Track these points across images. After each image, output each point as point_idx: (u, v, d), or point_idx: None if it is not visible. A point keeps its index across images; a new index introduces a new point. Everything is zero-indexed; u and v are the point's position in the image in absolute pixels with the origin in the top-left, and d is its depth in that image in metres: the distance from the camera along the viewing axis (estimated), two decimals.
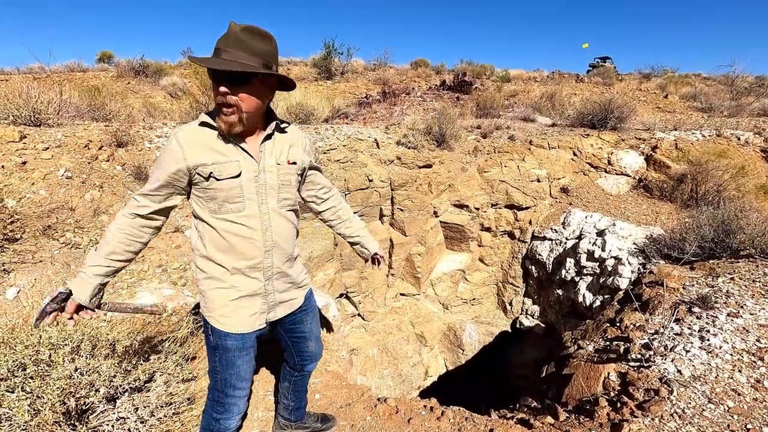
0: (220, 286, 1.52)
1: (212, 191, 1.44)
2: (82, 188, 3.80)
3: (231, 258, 1.50)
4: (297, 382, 2.04)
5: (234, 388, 1.64)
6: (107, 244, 1.46)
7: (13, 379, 1.77)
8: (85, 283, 1.43)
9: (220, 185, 1.43)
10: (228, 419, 1.69)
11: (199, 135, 1.42)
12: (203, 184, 1.43)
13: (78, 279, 1.44)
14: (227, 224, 1.47)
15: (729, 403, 2.29)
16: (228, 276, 1.52)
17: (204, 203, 1.47)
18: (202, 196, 1.46)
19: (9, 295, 2.76)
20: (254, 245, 1.51)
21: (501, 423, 2.43)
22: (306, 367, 1.97)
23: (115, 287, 3.10)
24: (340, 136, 5.81)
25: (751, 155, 6.78)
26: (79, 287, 1.43)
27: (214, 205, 1.46)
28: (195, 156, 1.40)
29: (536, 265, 6.34)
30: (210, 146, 1.42)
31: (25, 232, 3.25)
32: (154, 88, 10.52)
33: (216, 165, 1.41)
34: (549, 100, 10.10)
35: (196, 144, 1.41)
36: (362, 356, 5.82)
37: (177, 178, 1.43)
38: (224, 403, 1.66)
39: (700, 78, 16.16)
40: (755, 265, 3.85)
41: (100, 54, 13.65)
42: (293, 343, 1.87)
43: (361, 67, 14.79)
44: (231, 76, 1.30)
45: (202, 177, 1.42)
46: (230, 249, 1.49)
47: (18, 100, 4.31)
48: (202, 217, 1.49)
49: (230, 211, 1.47)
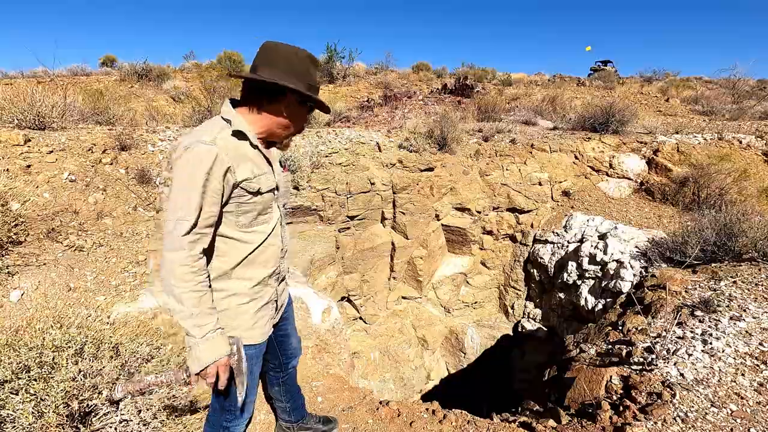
0: (242, 301, 1.46)
1: (251, 205, 1.39)
2: (86, 191, 3.82)
3: (256, 271, 1.47)
4: (286, 381, 2.03)
5: (248, 395, 1.63)
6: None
7: (18, 381, 1.78)
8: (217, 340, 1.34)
9: (261, 199, 1.41)
10: (239, 425, 1.67)
11: (236, 145, 1.34)
12: (244, 199, 1.36)
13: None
14: (258, 236, 1.45)
15: (732, 406, 2.28)
16: (249, 289, 1.47)
17: (233, 218, 1.38)
18: (234, 210, 1.37)
19: (13, 297, 2.77)
20: (276, 252, 1.53)
21: (503, 426, 2.43)
22: (290, 363, 1.97)
23: (118, 290, 3.12)
24: (342, 140, 5.83)
25: (753, 158, 6.77)
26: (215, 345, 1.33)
27: (246, 219, 1.41)
28: (240, 170, 1.33)
29: (538, 268, 6.33)
30: (246, 157, 1.37)
31: (29, 235, 3.27)
32: (157, 91, 10.57)
33: (257, 178, 1.37)
34: (550, 104, 10.11)
35: (238, 156, 1.33)
36: (364, 359, 5.82)
37: (222, 198, 1.31)
38: (235, 410, 1.62)
39: (701, 81, 16.16)
40: (758, 269, 3.84)
41: (103, 58, 13.73)
42: (279, 342, 1.86)
43: (362, 71, 14.84)
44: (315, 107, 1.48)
45: (246, 191, 1.35)
46: (257, 261, 1.46)
47: (22, 104, 4.35)
48: (229, 235, 1.39)
49: (261, 223, 1.46)
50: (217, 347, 1.31)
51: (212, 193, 1.26)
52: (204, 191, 1.25)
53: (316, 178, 5.11)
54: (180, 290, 1.25)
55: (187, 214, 1.23)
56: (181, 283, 1.24)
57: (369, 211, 5.60)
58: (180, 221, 1.24)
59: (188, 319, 1.27)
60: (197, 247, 1.27)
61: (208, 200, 1.26)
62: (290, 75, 1.35)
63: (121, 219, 3.82)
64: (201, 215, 1.26)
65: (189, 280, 1.25)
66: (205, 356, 1.29)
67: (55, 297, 2.89)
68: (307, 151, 5.28)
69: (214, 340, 1.30)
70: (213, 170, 1.25)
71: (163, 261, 1.26)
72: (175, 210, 1.24)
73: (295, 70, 1.36)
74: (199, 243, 1.28)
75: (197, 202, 1.24)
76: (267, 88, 1.36)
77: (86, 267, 3.23)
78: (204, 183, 1.24)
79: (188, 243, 1.25)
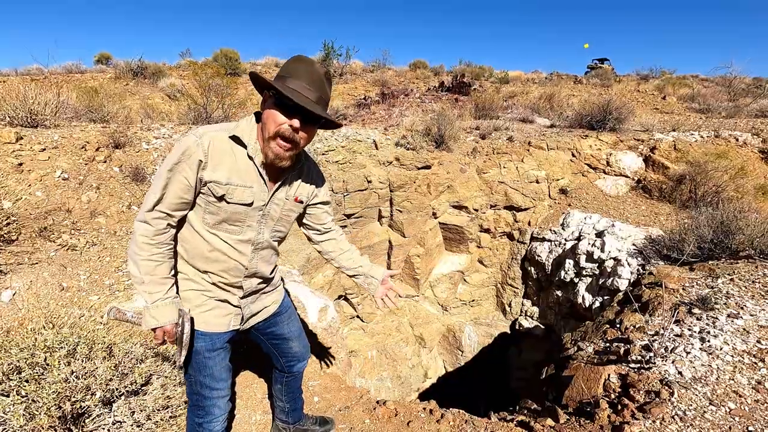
0: (195, 287, 1.50)
1: (215, 207, 1.39)
2: (79, 190, 3.77)
3: (212, 271, 1.48)
4: (289, 383, 2.02)
5: (210, 389, 1.60)
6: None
7: (8, 383, 1.75)
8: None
9: (226, 207, 1.40)
10: (210, 422, 1.64)
11: (226, 147, 1.36)
12: (209, 199, 1.38)
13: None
14: (218, 241, 1.44)
15: (730, 404, 2.27)
16: (206, 282, 1.51)
17: (201, 212, 1.41)
18: (202, 206, 1.40)
19: (4, 297, 2.73)
20: (237, 269, 1.51)
21: (501, 425, 2.41)
22: (294, 367, 1.95)
23: (112, 289, 3.08)
24: (338, 138, 5.79)
25: (749, 156, 6.79)
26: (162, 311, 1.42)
27: (211, 219, 1.42)
28: (213, 170, 1.34)
29: (535, 266, 6.33)
30: (232, 163, 1.36)
31: (21, 233, 3.23)
32: (153, 89, 10.50)
33: (230, 186, 1.36)
34: (547, 102, 10.11)
35: (219, 156, 1.34)
36: (361, 358, 5.80)
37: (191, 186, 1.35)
38: (203, 405, 1.62)
39: (698, 79, 16.20)
40: (755, 266, 3.84)
41: (98, 55, 13.63)
42: (274, 347, 1.86)
43: (359, 69, 14.81)
44: (307, 115, 1.31)
45: (211, 193, 1.37)
46: (213, 264, 1.47)
47: (15, 102, 4.29)
48: (194, 225, 1.43)
49: (226, 231, 1.45)
50: (161, 315, 1.39)
51: (181, 178, 1.32)
52: (173, 174, 1.31)
53: None
54: (137, 257, 1.35)
55: (154, 191, 1.32)
56: (139, 251, 1.35)
57: (366, 209, 5.58)
58: (149, 194, 1.34)
59: (140, 285, 1.38)
60: (160, 223, 1.35)
61: (176, 185, 1.32)
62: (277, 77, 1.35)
63: (114, 218, 3.78)
64: (167, 196, 1.33)
65: (146, 249, 1.34)
66: (150, 321, 1.39)
67: (48, 297, 2.85)
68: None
69: (160, 308, 1.38)
70: (187, 157, 1.31)
71: (134, 229, 1.37)
72: (151, 186, 1.35)
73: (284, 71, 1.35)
74: (163, 220, 1.36)
75: (165, 182, 1.32)
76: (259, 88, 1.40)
77: (79, 266, 3.20)
78: (174, 166, 1.31)
79: (152, 218, 1.34)
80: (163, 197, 1.32)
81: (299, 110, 1.29)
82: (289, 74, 1.32)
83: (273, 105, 1.31)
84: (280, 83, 1.29)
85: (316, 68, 1.34)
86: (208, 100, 6.23)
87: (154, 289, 1.37)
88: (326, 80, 1.37)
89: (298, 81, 1.30)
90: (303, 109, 1.28)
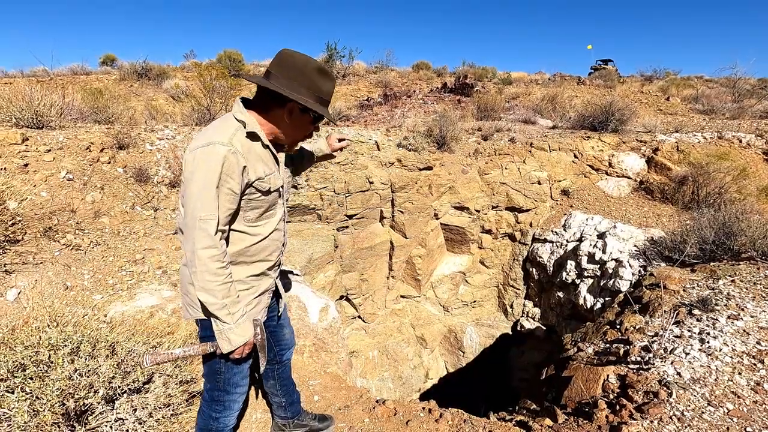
0: (243, 287, 1.54)
1: (259, 201, 1.46)
2: (84, 190, 3.82)
3: (258, 262, 1.55)
4: (281, 375, 2.04)
5: (237, 386, 1.66)
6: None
7: (13, 380, 1.78)
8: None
9: (269, 197, 1.49)
10: (228, 417, 1.71)
11: (249, 146, 1.41)
12: (254, 196, 1.43)
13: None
14: (262, 229, 1.52)
15: (728, 405, 2.28)
16: (248, 278, 1.55)
17: (242, 213, 1.45)
18: (244, 207, 1.44)
19: (9, 296, 2.77)
20: (278, 246, 1.62)
21: (499, 425, 2.43)
22: (285, 355, 2.00)
23: (115, 289, 3.12)
24: None
25: (752, 157, 6.76)
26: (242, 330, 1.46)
27: (254, 215, 1.48)
28: (254, 169, 1.40)
29: (537, 267, 6.33)
30: (258, 157, 1.44)
31: (27, 233, 3.27)
32: (157, 90, 10.57)
33: (268, 177, 1.45)
34: (550, 103, 10.10)
35: (251, 156, 1.40)
36: (362, 358, 5.82)
37: (237, 195, 1.38)
38: (225, 401, 1.67)
39: (702, 80, 16.13)
40: (756, 268, 3.84)
41: (103, 57, 13.74)
42: (272, 333, 1.89)
43: (362, 70, 14.84)
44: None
45: (257, 190, 1.43)
46: (260, 254, 1.54)
47: (20, 103, 4.34)
48: (236, 228, 1.46)
49: (266, 218, 1.53)
50: (246, 330, 1.45)
51: (230, 192, 1.34)
52: (223, 190, 1.32)
53: (314, 177, 5.11)
54: (214, 284, 1.34)
55: (211, 213, 1.31)
56: (215, 277, 1.34)
57: (368, 210, 5.60)
58: (205, 220, 1.30)
59: (222, 309, 1.38)
60: (223, 244, 1.38)
61: (227, 198, 1.34)
62: (297, 85, 1.40)
63: (118, 218, 3.82)
64: (221, 213, 1.34)
65: (221, 274, 1.35)
66: (237, 339, 1.42)
67: (52, 295, 2.89)
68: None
69: (243, 324, 1.44)
70: (232, 170, 1.32)
71: (193, 258, 1.32)
72: (198, 208, 1.30)
73: (302, 80, 1.41)
74: (223, 239, 1.39)
75: (218, 200, 1.32)
76: (274, 95, 1.41)
77: (83, 266, 3.24)
78: (224, 182, 1.31)
79: (218, 240, 1.34)
80: (219, 216, 1.33)
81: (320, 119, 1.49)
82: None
83: (302, 114, 1.45)
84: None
85: (334, 82, 1.50)
86: (211, 101, 6.29)
87: (234, 309, 1.40)
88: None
89: (318, 93, 1.44)
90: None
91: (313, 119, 1.48)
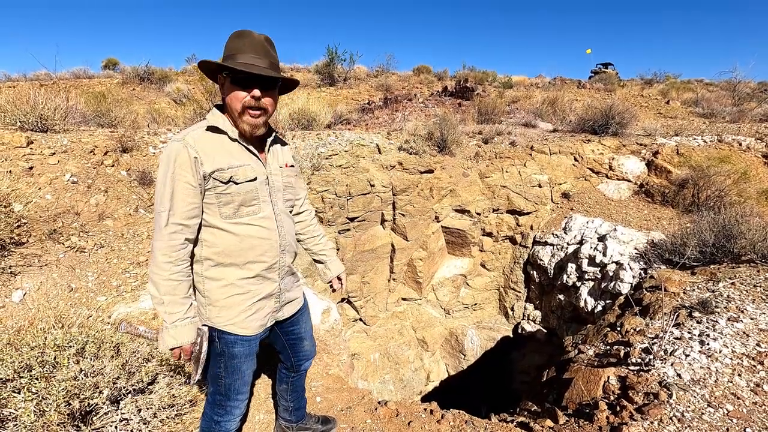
0: (239, 291, 1.52)
1: (229, 196, 1.44)
2: (88, 193, 3.85)
3: (251, 264, 1.52)
4: (294, 382, 2.06)
5: (238, 393, 1.67)
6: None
7: (19, 380, 1.80)
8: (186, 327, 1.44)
9: (238, 189, 1.45)
10: (229, 421, 1.71)
11: (209, 139, 1.43)
12: (219, 189, 1.42)
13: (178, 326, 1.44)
14: (245, 227, 1.49)
15: (728, 406, 2.29)
16: (242, 280, 1.52)
17: (216, 209, 1.45)
18: (215, 202, 1.44)
19: (15, 297, 2.80)
20: (272, 246, 1.56)
21: (501, 426, 2.44)
22: (302, 366, 2.00)
23: (119, 291, 3.14)
24: (342, 142, 5.86)
25: (752, 161, 6.78)
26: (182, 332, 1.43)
27: (229, 210, 1.46)
28: (211, 161, 1.39)
29: (538, 270, 6.34)
30: (222, 150, 1.44)
31: (31, 236, 3.30)
32: (159, 94, 10.64)
33: (232, 169, 1.43)
34: (550, 106, 10.14)
35: (209, 149, 1.40)
36: (364, 361, 5.83)
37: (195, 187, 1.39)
38: (226, 406, 1.68)
39: (702, 84, 16.18)
40: (756, 270, 3.85)
41: (105, 61, 13.83)
42: (291, 345, 1.89)
43: (363, 74, 14.90)
44: (263, 81, 1.39)
45: (219, 182, 1.41)
46: (249, 253, 1.50)
47: (25, 107, 4.38)
48: (215, 224, 1.46)
49: (247, 215, 1.50)
50: (180, 335, 1.40)
51: (188, 185, 1.36)
52: (175, 184, 1.35)
53: (316, 180, 5.13)
54: (158, 277, 1.36)
55: (164, 207, 1.35)
56: (159, 271, 1.36)
57: (369, 212, 5.62)
58: (159, 213, 1.36)
59: (161, 306, 1.38)
60: (177, 238, 1.37)
61: (185, 192, 1.36)
62: (225, 57, 1.41)
63: (122, 220, 3.85)
64: (176, 206, 1.35)
65: (166, 269, 1.36)
66: (169, 340, 1.40)
67: (57, 297, 2.91)
68: (307, 153, 5.31)
69: (179, 328, 1.40)
70: (183, 162, 1.35)
71: (152, 249, 1.38)
72: (156, 203, 1.37)
73: (228, 51, 1.41)
74: (180, 234, 1.38)
75: (170, 194, 1.34)
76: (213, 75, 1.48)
77: (88, 268, 3.26)
78: (173, 176, 1.34)
79: (167, 234, 1.35)
80: (173, 208, 1.35)
81: (255, 80, 1.37)
82: (234, 51, 1.39)
83: (231, 84, 1.39)
84: (230, 62, 1.36)
85: (256, 37, 1.40)
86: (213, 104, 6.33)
87: (173, 309, 1.39)
88: (269, 45, 1.43)
89: (245, 54, 1.37)
90: (258, 78, 1.37)
91: (233, 80, 1.39)
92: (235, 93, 1.39)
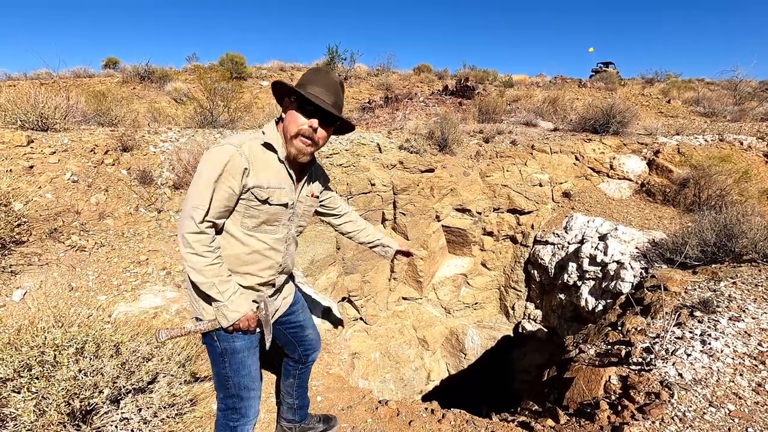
0: None
1: (257, 211, 1.50)
2: (88, 192, 3.84)
3: (249, 275, 1.58)
4: (301, 375, 2.08)
5: (248, 389, 1.67)
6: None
7: (19, 380, 1.80)
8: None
9: (268, 209, 1.51)
10: (245, 425, 1.70)
11: (261, 154, 1.48)
12: (252, 204, 1.48)
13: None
14: (257, 242, 1.55)
15: (730, 406, 2.28)
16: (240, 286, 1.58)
17: (239, 218, 1.51)
18: (242, 212, 1.50)
19: (15, 296, 2.79)
20: (272, 266, 1.62)
21: (502, 426, 2.44)
22: (310, 356, 2.04)
23: (120, 290, 3.14)
24: (342, 141, 5.85)
25: (754, 160, 6.77)
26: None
27: (251, 223, 1.52)
28: (256, 176, 1.45)
29: (538, 269, 6.34)
30: (268, 168, 1.49)
31: (32, 234, 3.30)
32: (159, 93, 10.63)
33: (271, 189, 1.49)
34: (551, 105, 10.12)
35: (259, 163, 1.46)
36: (364, 360, 5.82)
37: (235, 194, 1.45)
38: (240, 408, 1.67)
39: (703, 83, 16.15)
40: (758, 269, 3.84)
41: (106, 60, 13.83)
42: (293, 335, 1.94)
43: (364, 73, 14.90)
44: (324, 116, 1.47)
45: (256, 198, 1.47)
46: (252, 266, 1.57)
47: (26, 106, 4.38)
48: (231, 231, 1.52)
49: (264, 231, 1.56)
50: (240, 305, 1.49)
51: (226, 188, 1.41)
52: (219, 186, 1.40)
53: None
54: (200, 265, 1.41)
55: (202, 203, 1.39)
56: (201, 259, 1.41)
57: (369, 212, 5.62)
58: (195, 208, 1.39)
59: (211, 288, 1.44)
60: (210, 232, 1.43)
61: (224, 195, 1.41)
62: (298, 85, 1.49)
63: (122, 219, 3.85)
64: (214, 206, 1.41)
65: (208, 256, 1.42)
66: (232, 314, 1.48)
67: (57, 296, 2.91)
68: None
69: (236, 300, 1.48)
70: (234, 168, 1.40)
71: (181, 241, 1.41)
72: (193, 197, 1.40)
73: (303, 80, 1.50)
74: (212, 228, 1.45)
75: (211, 193, 1.39)
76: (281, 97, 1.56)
77: (88, 267, 3.26)
78: (221, 178, 1.39)
79: (204, 227, 1.41)
80: (211, 207, 1.41)
81: (317, 112, 1.45)
82: (308, 82, 1.47)
83: (295, 108, 1.47)
84: (301, 89, 1.44)
85: (332, 77, 1.51)
86: (213, 103, 6.32)
87: (224, 287, 1.46)
88: (340, 87, 1.53)
89: (317, 87, 1.45)
90: (321, 110, 1.44)
91: (298, 106, 1.46)
92: (296, 117, 1.46)
